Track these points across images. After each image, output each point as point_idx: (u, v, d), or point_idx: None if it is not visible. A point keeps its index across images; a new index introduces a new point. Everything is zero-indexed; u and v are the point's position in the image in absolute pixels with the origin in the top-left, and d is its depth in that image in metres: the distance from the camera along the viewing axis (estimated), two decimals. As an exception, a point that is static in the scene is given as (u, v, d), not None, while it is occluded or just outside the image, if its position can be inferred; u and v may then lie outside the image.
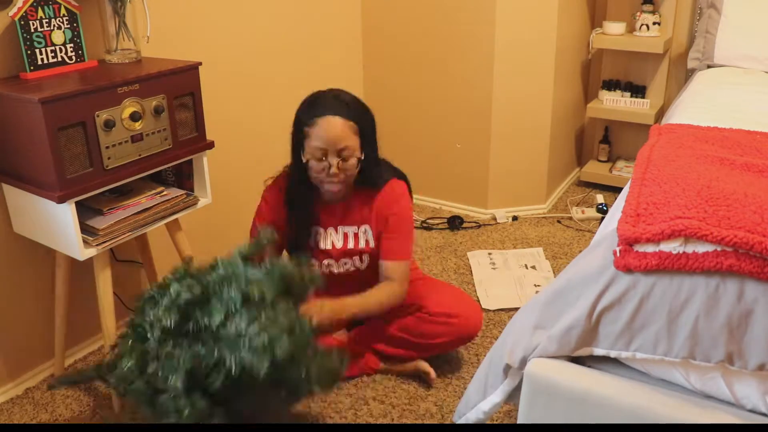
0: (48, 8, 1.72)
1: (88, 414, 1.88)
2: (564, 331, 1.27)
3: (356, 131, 1.75)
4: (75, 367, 2.08)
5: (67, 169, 1.61)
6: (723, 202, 1.22)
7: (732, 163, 1.49)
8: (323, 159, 1.74)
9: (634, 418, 1.22)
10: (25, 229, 1.82)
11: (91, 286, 1.83)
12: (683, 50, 3.15)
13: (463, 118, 2.96)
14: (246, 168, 2.59)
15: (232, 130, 2.48)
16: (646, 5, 3.04)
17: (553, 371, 1.29)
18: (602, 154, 3.43)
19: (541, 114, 2.94)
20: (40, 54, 1.73)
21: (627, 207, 1.30)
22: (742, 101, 2.28)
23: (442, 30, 2.88)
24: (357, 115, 1.75)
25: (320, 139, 1.71)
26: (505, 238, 2.84)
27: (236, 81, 2.48)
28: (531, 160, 3.02)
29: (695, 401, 1.21)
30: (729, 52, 2.80)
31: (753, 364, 1.12)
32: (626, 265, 1.20)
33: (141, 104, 1.74)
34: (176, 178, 2.02)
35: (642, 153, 1.61)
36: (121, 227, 1.76)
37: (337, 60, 2.98)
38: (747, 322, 1.12)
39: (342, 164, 1.74)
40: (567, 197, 3.24)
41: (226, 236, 2.60)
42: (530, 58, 2.83)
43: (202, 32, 2.30)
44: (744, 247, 1.10)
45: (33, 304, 1.97)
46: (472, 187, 3.06)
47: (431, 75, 2.96)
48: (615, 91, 3.23)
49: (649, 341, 1.19)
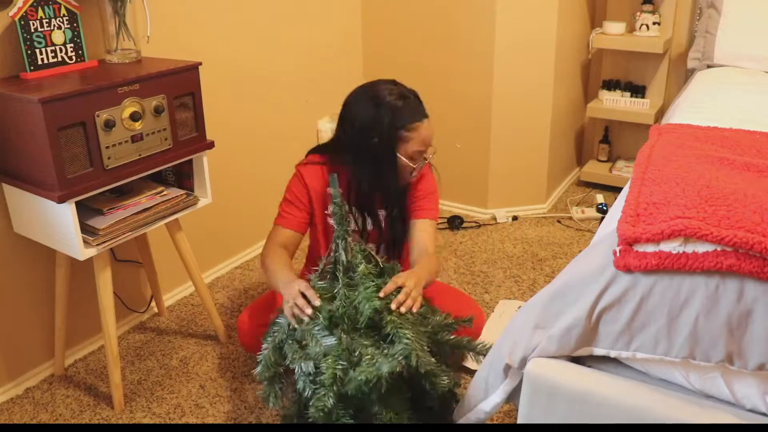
0: (48, 8, 1.72)
1: (88, 414, 1.88)
2: (564, 331, 1.27)
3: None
4: (75, 367, 2.09)
5: (67, 169, 1.61)
6: (723, 202, 1.22)
7: (732, 163, 1.49)
8: (424, 158, 1.79)
9: (634, 418, 1.22)
10: (25, 229, 1.82)
11: (91, 286, 1.83)
12: (683, 50, 3.15)
13: (463, 118, 2.96)
14: (246, 168, 2.59)
15: (232, 130, 2.48)
16: (646, 5, 3.05)
17: (553, 371, 1.29)
18: (602, 154, 3.43)
19: (541, 114, 2.94)
20: (40, 54, 1.73)
21: (627, 207, 1.30)
22: (741, 101, 2.28)
23: (442, 30, 2.88)
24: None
25: (423, 143, 1.76)
26: (505, 238, 2.84)
27: (236, 81, 2.48)
28: (531, 160, 3.02)
29: (695, 401, 1.21)
30: (729, 52, 2.80)
31: (753, 364, 1.12)
32: (626, 264, 1.20)
33: (141, 104, 1.74)
34: (176, 178, 2.02)
35: (642, 153, 1.61)
36: (121, 227, 1.77)
37: (337, 60, 2.98)
38: (747, 322, 1.11)
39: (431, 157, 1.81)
40: (567, 197, 3.25)
41: (226, 236, 2.61)
42: (530, 58, 2.83)
43: (202, 32, 2.30)
44: (744, 247, 1.10)
45: (33, 303, 1.97)
46: (472, 187, 3.06)
47: (431, 75, 2.96)
48: (615, 91, 3.23)
49: (649, 341, 1.19)
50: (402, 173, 1.79)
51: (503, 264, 2.63)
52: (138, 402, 1.92)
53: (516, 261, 2.65)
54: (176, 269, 2.36)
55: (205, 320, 2.31)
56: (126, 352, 2.15)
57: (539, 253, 2.71)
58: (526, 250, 2.74)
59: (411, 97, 1.77)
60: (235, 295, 2.47)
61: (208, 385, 1.98)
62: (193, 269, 2.08)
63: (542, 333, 1.32)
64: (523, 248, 2.76)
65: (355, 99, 1.78)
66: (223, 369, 2.05)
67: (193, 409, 1.89)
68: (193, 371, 2.05)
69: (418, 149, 1.75)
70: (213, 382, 2.00)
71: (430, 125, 1.78)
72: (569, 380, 1.28)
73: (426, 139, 1.76)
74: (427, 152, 1.79)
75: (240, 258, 2.70)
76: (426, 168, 1.89)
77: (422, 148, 1.76)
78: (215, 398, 1.93)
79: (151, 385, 1.99)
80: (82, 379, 2.03)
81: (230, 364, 2.08)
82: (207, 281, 2.53)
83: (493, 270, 2.59)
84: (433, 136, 1.79)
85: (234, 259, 2.67)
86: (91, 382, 2.01)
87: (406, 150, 1.74)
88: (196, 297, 2.44)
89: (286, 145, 2.76)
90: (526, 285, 2.47)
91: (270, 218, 1.89)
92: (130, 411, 1.89)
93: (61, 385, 2.00)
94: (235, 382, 1.99)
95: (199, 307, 2.39)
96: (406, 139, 1.73)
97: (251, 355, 2.07)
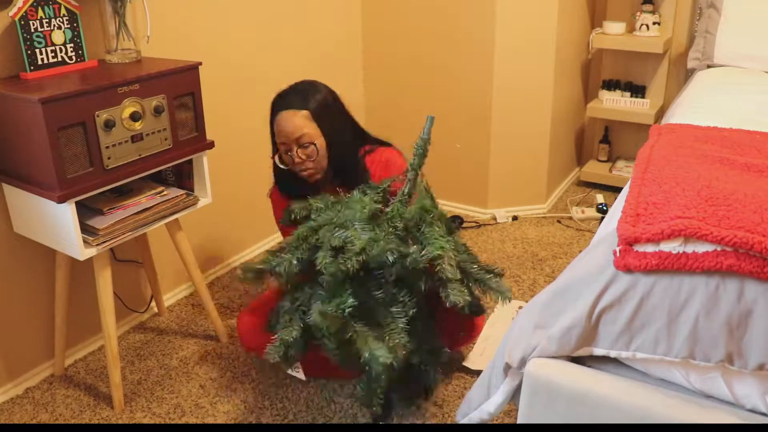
0: (48, 8, 1.72)
1: (88, 414, 1.88)
2: (564, 331, 1.27)
3: (310, 117, 1.77)
4: (75, 367, 2.09)
5: (67, 169, 1.61)
6: (723, 202, 1.22)
7: (732, 163, 1.49)
8: (288, 152, 1.80)
9: (634, 418, 1.22)
10: (25, 229, 1.82)
11: (91, 286, 1.83)
12: (683, 50, 3.15)
13: (463, 118, 2.96)
14: (246, 168, 2.59)
15: (232, 130, 2.48)
16: (646, 5, 3.04)
17: (553, 371, 1.29)
18: (602, 154, 3.43)
19: (541, 114, 2.94)
20: (40, 54, 1.73)
21: (627, 207, 1.30)
22: (741, 101, 2.28)
23: (442, 30, 2.88)
24: (313, 102, 1.78)
25: (280, 135, 1.79)
26: (505, 238, 2.84)
27: (236, 81, 2.48)
28: (531, 160, 3.02)
29: (695, 401, 1.21)
30: (729, 52, 2.80)
31: (753, 364, 1.12)
32: (626, 264, 1.20)
33: (141, 104, 1.74)
34: (176, 178, 2.02)
35: (642, 153, 1.61)
36: (121, 227, 1.76)
37: (337, 60, 2.97)
38: (747, 322, 1.11)
39: (303, 152, 1.78)
40: (567, 197, 3.25)
41: (226, 236, 2.61)
42: (530, 58, 2.83)
43: (202, 32, 2.30)
44: (744, 246, 1.10)
45: (33, 304, 1.97)
46: (472, 187, 3.06)
47: (431, 75, 2.96)
48: (615, 90, 3.23)
49: (649, 341, 1.19)
50: (291, 168, 1.83)
51: (503, 264, 2.63)
52: (138, 402, 1.92)
53: (516, 261, 2.65)
54: (176, 269, 2.36)
55: (205, 320, 2.31)
56: (126, 352, 2.15)
57: (539, 253, 2.71)
58: (526, 250, 2.74)
59: (284, 91, 1.81)
60: (235, 295, 2.47)
61: (208, 385, 1.98)
62: (193, 269, 2.08)
63: (542, 333, 1.32)
64: (523, 248, 2.76)
65: None
66: (223, 369, 2.05)
67: (193, 409, 1.89)
68: (193, 371, 2.05)
69: (280, 141, 1.79)
70: (213, 382, 2.00)
71: (290, 118, 1.76)
72: (569, 380, 1.28)
73: (280, 130, 1.77)
74: (294, 146, 1.77)
75: (240, 258, 2.70)
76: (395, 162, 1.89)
77: (282, 140, 1.78)
78: (215, 398, 1.93)
79: (151, 385, 1.99)
80: (82, 379, 2.03)
81: (230, 364, 2.08)
82: (207, 281, 2.53)
83: (493, 270, 2.59)
84: (299, 130, 1.75)
85: (234, 259, 2.67)
86: (91, 382, 2.02)
87: (277, 143, 1.81)
88: (196, 297, 2.44)
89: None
90: (526, 285, 2.47)
91: (270, 218, 1.89)
92: (130, 411, 1.89)
93: (61, 385, 2.00)
94: (235, 382, 1.99)
95: (199, 307, 2.39)
96: (273, 132, 1.82)
97: (251, 355, 2.07)
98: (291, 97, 1.79)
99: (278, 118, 1.78)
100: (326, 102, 1.81)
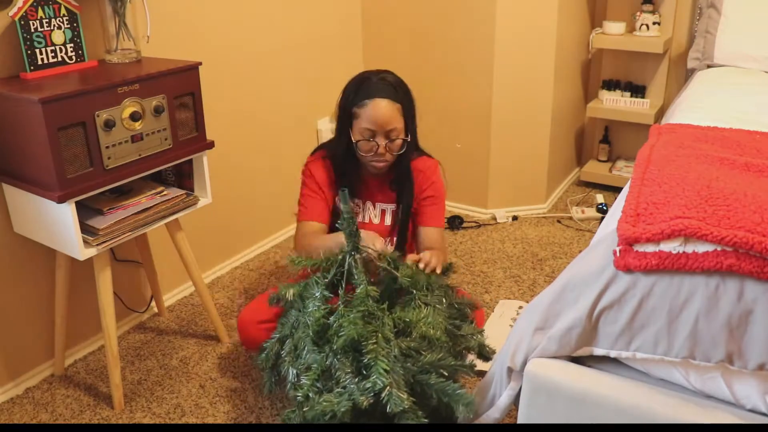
0: (48, 8, 1.72)
1: (88, 414, 1.88)
2: (564, 331, 1.27)
3: (402, 113, 1.78)
4: (75, 367, 2.09)
5: (67, 169, 1.61)
6: (723, 202, 1.22)
7: (732, 163, 1.49)
8: (371, 139, 1.77)
9: (634, 418, 1.22)
10: (25, 229, 1.82)
11: (91, 286, 1.83)
12: (683, 50, 3.15)
13: (463, 118, 2.96)
14: (246, 168, 2.59)
15: (232, 130, 2.48)
16: (646, 5, 3.04)
17: (553, 371, 1.29)
18: (602, 153, 3.43)
19: (541, 114, 2.94)
20: (40, 54, 1.73)
21: (627, 207, 1.30)
22: (742, 101, 2.28)
23: (442, 30, 2.88)
24: (402, 97, 1.79)
25: (369, 121, 1.75)
26: (505, 238, 2.84)
27: (236, 81, 2.48)
28: (531, 160, 3.02)
29: (695, 401, 1.21)
30: (729, 52, 2.79)
31: (753, 364, 1.12)
32: (626, 264, 1.20)
33: (141, 104, 1.74)
34: (176, 178, 2.02)
35: (642, 153, 1.61)
36: (121, 227, 1.76)
37: (337, 60, 2.98)
38: (747, 321, 1.11)
39: (389, 145, 1.78)
40: (567, 197, 3.24)
41: (226, 236, 2.61)
42: (530, 58, 2.83)
43: (202, 32, 2.30)
44: (744, 246, 1.10)
45: (33, 304, 1.97)
46: (472, 187, 3.06)
47: (431, 76, 2.96)
48: (615, 90, 3.23)
49: (649, 341, 1.19)
50: (363, 157, 1.81)
51: (503, 264, 2.63)
52: (138, 402, 1.92)
53: (516, 261, 2.65)
54: (176, 269, 2.36)
55: (205, 320, 2.31)
56: (126, 352, 2.15)
57: (539, 253, 2.71)
58: (526, 250, 2.74)
59: (377, 78, 1.78)
60: (235, 295, 2.47)
61: (208, 385, 1.98)
62: (193, 269, 2.08)
63: (543, 333, 1.32)
64: (523, 248, 2.76)
65: (347, 83, 1.84)
66: (223, 369, 2.05)
67: (193, 409, 1.89)
68: (193, 371, 2.05)
69: (366, 127, 1.75)
70: (213, 382, 2.00)
71: (387, 108, 1.74)
72: (569, 380, 1.28)
73: (374, 117, 1.73)
74: (381, 136, 1.75)
75: (240, 258, 2.70)
76: (435, 173, 1.91)
77: (370, 127, 1.75)
78: (215, 398, 1.93)
79: (151, 385, 1.99)
80: (82, 379, 2.03)
81: (230, 364, 2.08)
82: (207, 281, 2.53)
83: (493, 270, 2.59)
84: (392, 123, 1.74)
85: (234, 259, 2.67)
86: (91, 382, 2.01)
87: (358, 127, 1.77)
88: (196, 297, 2.44)
89: (286, 145, 2.76)
90: (526, 285, 2.47)
91: (270, 218, 1.89)
92: (130, 411, 1.89)
93: (61, 385, 2.00)
94: (235, 382, 1.99)
95: (199, 307, 2.39)
96: (356, 115, 1.77)
97: (251, 354, 2.07)
98: (385, 87, 1.77)
99: (374, 104, 1.74)
100: (413, 101, 1.83)
